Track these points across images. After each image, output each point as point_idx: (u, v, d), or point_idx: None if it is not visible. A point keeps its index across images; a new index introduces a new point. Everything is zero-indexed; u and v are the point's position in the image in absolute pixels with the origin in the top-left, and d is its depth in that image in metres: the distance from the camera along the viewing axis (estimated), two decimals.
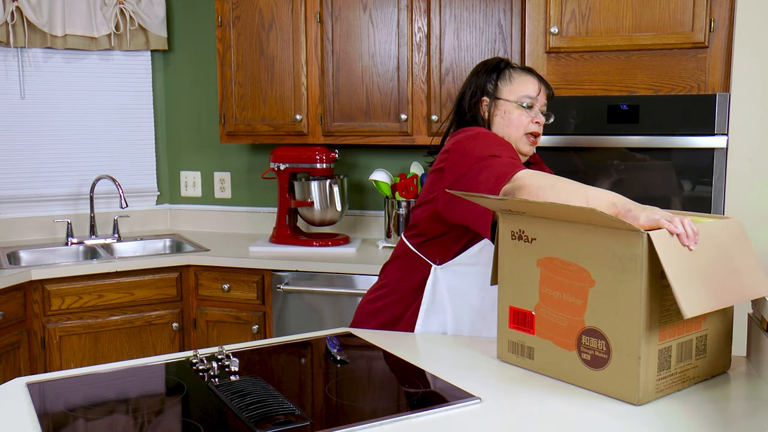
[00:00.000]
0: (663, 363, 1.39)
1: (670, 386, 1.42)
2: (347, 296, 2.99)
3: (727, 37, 2.48)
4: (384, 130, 3.21)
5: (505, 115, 1.93)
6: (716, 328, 1.49)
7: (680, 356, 1.43)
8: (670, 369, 1.40)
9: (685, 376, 1.45)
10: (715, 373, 1.51)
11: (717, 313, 1.46)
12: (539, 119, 1.92)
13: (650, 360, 1.36)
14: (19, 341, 2.89)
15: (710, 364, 1.50)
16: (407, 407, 1.38)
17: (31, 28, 3.45)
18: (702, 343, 1.46)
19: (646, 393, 1.37)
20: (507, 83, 1.95)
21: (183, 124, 3.92)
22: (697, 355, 1.46)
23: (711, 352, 1.49)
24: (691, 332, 1.44)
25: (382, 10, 3.16)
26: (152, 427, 1.33)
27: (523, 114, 1.91)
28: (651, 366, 1.37)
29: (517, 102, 1.92)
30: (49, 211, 3.65)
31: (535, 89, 1.93)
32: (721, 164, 2.48)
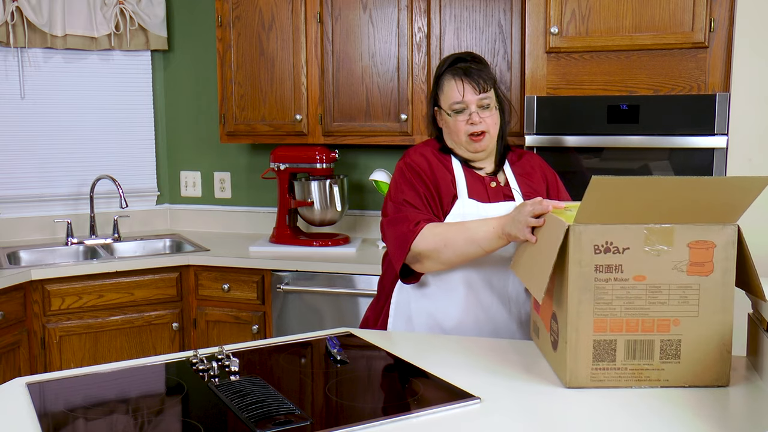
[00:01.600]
0: (602, 354, 1.44)
1: (615, 380, 1.45)
2: (347, 296, 2.99)
3: (727, 37, 2.48)
4: (384, 130, 3.20)
5: (446, 124, 1.99)
6: (697, 336, 1.45)
7: (632, 353, 1.45)
8: (615, 363, 1.45)
9: (643, 375, 1.45)
10: (699, 383, 1.46)
11: (698, 322, 1.45)
12: (473, 119, 1.91)
13: (580, 348, 1.44)
14: (19, 341, 2.89)
15: (689, 372, 1.46)
16: (407, 407, 1.38)
17: (31, 28, 3.45)
18: (672, 348, 1.45)
19: (575, 378, 1.45)
20: (441, 92, 1.99)
21: (183, 124, 3.92)
22: (664, 358, 1.45)
23: (689, 360, 1.45)
24: (651, 333, 1.45)
25: (382, 10, 3.16)
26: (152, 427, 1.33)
27: (457, 120, 1.94)
28: (582, 354, 1.44)
29: (449, 110, 1.95)
30: (49, 211, 3.65)
31: (458, 94, 1.93)
32: (721, 164, 2.48)
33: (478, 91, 1.92)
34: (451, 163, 1.99)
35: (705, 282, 1.43)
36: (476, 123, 1.91)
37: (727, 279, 1.44)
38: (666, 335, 1.45)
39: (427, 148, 2.02)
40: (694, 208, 1.42)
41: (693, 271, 1.43)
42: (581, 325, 1.44)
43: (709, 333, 1.45)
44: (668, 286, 1.43)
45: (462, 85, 1.93)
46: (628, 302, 1.43)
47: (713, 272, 1.43)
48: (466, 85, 1.92)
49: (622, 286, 1.43)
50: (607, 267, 1.43)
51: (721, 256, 1.44)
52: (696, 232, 1.43)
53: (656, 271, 1.43)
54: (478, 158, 1.97)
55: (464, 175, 1.96)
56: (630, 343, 1.45)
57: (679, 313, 1.44)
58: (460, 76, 1.94)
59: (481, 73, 1.94)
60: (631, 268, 1.43)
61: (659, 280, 1.43)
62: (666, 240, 1.42)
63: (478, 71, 1.94)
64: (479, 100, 1.92)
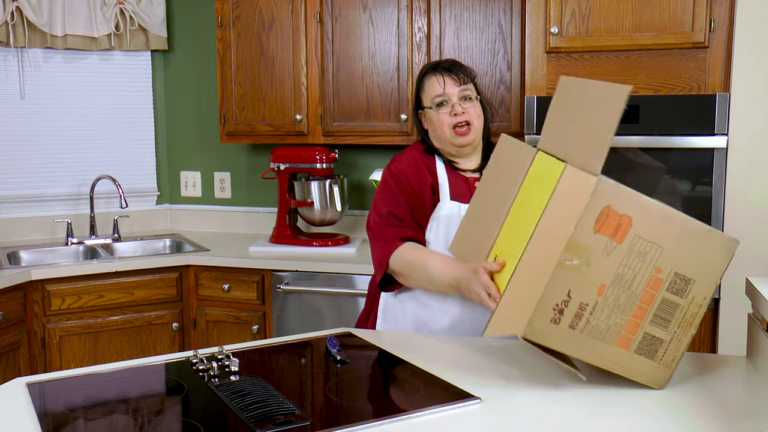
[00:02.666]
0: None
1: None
2: (347, 296, 2.99)
3: (727, 37, 2.48)
4: (384, 130, 3.21)
5: (430, 121, 2.02)
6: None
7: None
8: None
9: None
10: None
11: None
12: (456, 110, 1.95)
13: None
14: (19, 341, 2.89)
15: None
16: (407, 407, 1.38)
17: (31, 28, 3.45)
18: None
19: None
20: (423, 92, 2.03)
21: (183, 124, 3.92)
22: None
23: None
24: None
25: (382, 10, 3.16)
26: (152, 427, 1.33)
27: (440, 113, 1.97)
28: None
29: (431, 105, 1.98)
30: (49, 211, 3.65)
31: (439, 87, 1.97)
32: (721, 164, 2.48)
33: (459, 83, 1.97)
34: (435, 165, 2.02)
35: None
36: (459, 113, 1.95)
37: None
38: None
39: (412, 152, 2.06)
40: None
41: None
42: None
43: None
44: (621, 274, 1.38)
45: (442, 78, 1.98)
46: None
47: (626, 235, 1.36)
48: (446, 78, 1.97)
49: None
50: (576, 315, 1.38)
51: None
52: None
53: (604, 271, 1.37)
54: (464, 153, 1.99)
55: (447, 177, 2.00)
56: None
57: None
58: (440, 72, 1.99)
59: (461, 68, 2.00)
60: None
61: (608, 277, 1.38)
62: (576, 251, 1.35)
63: (458, 67, 2.00)
64: (460, 92, 1.97)
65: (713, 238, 1.38)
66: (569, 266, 1.33)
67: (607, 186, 1.33)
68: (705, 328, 2.53)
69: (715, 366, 1.59)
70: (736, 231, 2.48)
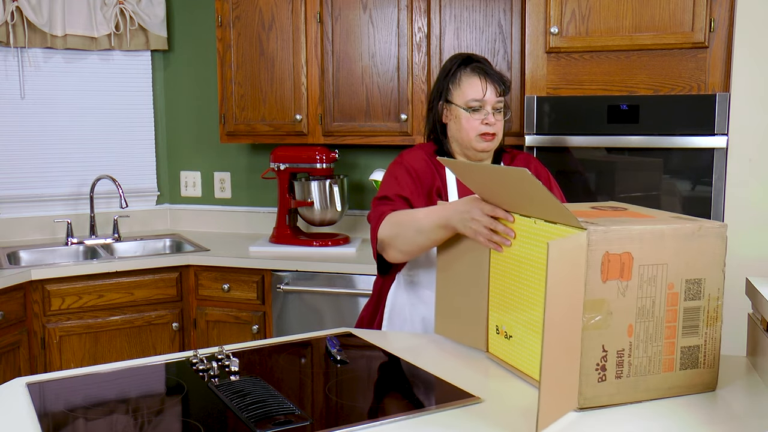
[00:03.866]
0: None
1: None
2: (347, 296, 2.99)
3: (727, 37, 2.48)
4: (384, 130, 3.20)
5: (456, 119, 1.96)
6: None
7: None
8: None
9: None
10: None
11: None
12: (489, 120, 1.91)
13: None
14: (19, 341, 2.89)
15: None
16: (407, 407, 1.38)
17: (31, 28, 3.45)
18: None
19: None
20: (457, 87, 1.95)
21: (183, 124, 3.92)
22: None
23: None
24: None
25: (382, 10, 3.16)
26: (152, 427, 1.33)
27: (472, 118, 1.92)
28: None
29: (465, 107, 1.93)
30: (49, 211, 3.65)
31: (480, 91, 1.92)
32: (721, 164, 2.48)
33: (498, 93, 1.93)
34: (444, 169, 1.99)
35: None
36: (491, 124, 1.91)
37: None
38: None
39: (421, 152, 2.01)
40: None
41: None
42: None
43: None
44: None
45: (485, 83, 1.92)
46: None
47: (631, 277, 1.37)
48: (488, 84, 1.92)
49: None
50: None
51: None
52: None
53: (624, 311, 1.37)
54: (479, 157, 1.97)
55: (456, 181, 1.97)
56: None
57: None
58: (483, 75, 1.93)
59: (500, 77, 1.95)
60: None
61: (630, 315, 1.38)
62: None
63: (499, 75, 1.95)
64: (496, 102, 1.93)
65: (705, 233, 1.38)
66: (594, 324, 1.34)
67: (597, 235, 1.32)
68: None
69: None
70: (736, 231, 2.48)
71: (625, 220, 1.40)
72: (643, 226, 1.36)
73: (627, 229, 1.34)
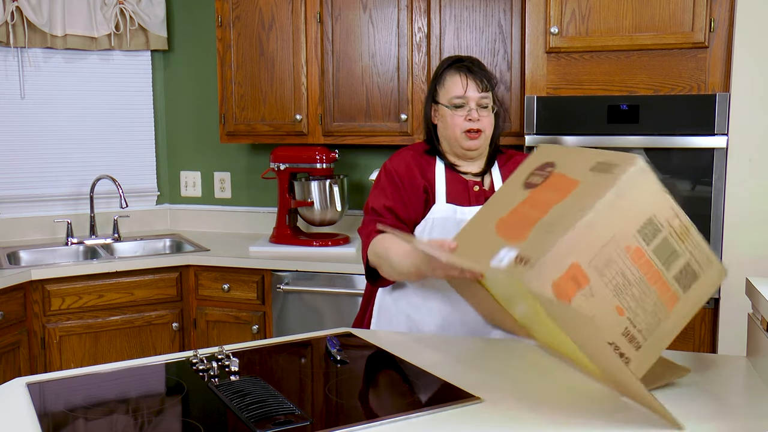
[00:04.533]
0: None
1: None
2: (347, 296, 2.99)
3: (727, 37, 2.48)
4: (384, 130, 3.21)
5: (442, 118, 1.99)
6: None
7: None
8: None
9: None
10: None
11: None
12: (472, 116, 1.92)
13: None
14: (19, 341, 2.89)
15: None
16: (407, 407, 1.38)
17: (31, 28, 3.45)
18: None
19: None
20: (441, 86, 1.99)
21: (183, 124, 3.92)
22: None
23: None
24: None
25: (382, 10, 3.16)
26: (152, 427, 1.33)
27: (455, 115, 1.94)
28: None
29: (448, 105, 1.95)
30: (49, 211, 3.65)
31: (461, 88, 1.94)
32: (721, 164, 2.48)
33: (481, 89, 1.94)
34: (434, 167, 1.99)
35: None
36: (474, 120, 1.92)
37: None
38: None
39: (410, 152, 2.03)
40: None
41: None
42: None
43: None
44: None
45: (465, 80, 1.94)
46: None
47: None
48: (469, 81, 1.94)
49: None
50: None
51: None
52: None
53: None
54: (470, 156, 1.97)
55: (445, 179, 1.97)
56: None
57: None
58: (464, 72, 1.96)
59: (485, 73, 1.97)
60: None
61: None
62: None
63: (482, 71, 1.97)
64: (480, 99, 1.94)
65: (626, 183, 1.33)
66: (589, 337, 1.33)
67: (535, 280, 1.30)
68: (705, 328, 2.53)
69: (715, 366, 1.59)
70: (736, 231, 2.48)
71: (550, 226, 1.35)
72: (570, 233, 1.31)
73: (555, 250, 1.30)
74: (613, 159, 1.37)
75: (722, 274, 1.42)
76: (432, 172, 1.99)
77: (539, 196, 1.46)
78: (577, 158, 1.47)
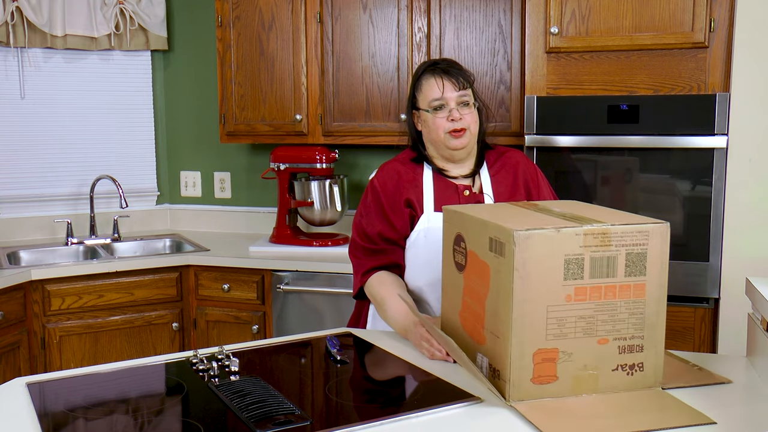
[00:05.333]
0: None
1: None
2: (347, 296, 2.99)
3: (727, 37, 2.48)
4: (384, 130, 3.20)
5: (425, 123, 1.98)
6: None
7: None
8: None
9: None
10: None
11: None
12: (453, 115, 1.91)
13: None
14: (19, 341, 2.89)
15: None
16: (408, 407, 1.38)
17: (31, 28, 3.45)
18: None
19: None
20: (419, 92, 1.98)
21: (183, 124, 3.92)
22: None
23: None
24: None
25: (382, 10, 3.16)
26: (152, 427, 1.33)
27: (436, 117, 1.93)
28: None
29: (428, 108, 1.94)
30: (49, 211, 3.65)
31: (438, 90, 1.92)
32: (721, 164, 2.48)
33: (458, 88, 1.92)
34: (421, 175, 1.98)
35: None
36: (456, 119, 1.90)
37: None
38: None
39: (396, 164, 2.02)
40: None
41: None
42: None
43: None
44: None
45: (441, 81, 1.92)
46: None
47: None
48: (446, 81, 1.92)
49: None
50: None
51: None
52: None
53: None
54: (458, 157, 1.95)
55: (434, 186, 1.96)
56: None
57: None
58: (439, 74, 1.94)
59: (460, 72, 1.96)
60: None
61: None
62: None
63: (457, 70, 1.96)
64: (459, 97, 1.92)
65: (510, 257, 1.36)
66: (590, 375, 1.39)
67: (517, 394, 1.38)
68: (705, 328, 2.54)
69: (715, 366, 1.59)
70: (736, 231, 2.48)
71: (495, 331, 1.41)
72: (513, 334, 1.35)
73: (513, 355, 1.35)
74: (500, 235, 1.38)
75: (665, 232, 1.40)
76: (420, 181, 1.97)
77: (472, 286, 1.52)
78: (475, 231, 1.50)
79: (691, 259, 2.52)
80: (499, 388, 1.40)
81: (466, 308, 1.55)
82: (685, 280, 2.53)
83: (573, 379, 1.38)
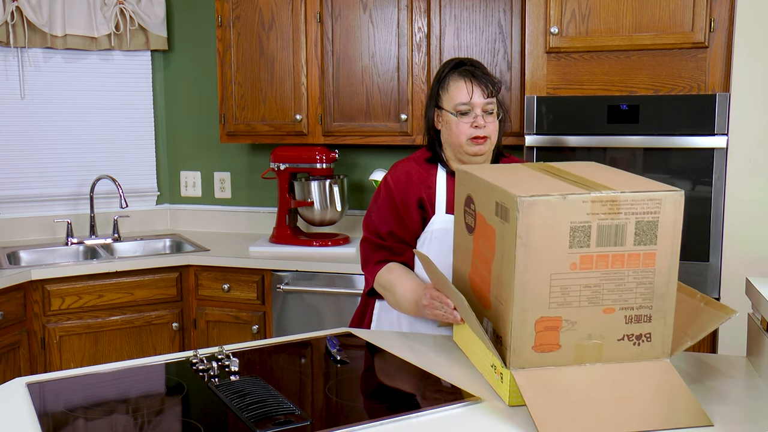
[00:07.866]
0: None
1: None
2: (347, 296, 2.99)
3: (727, 37, 2.48)
4: (384, 130, 3.20)
5: (446, 125, 1.94)
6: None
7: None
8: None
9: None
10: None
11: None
12: (478, 123, 1.88)
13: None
14: (19, 341, 2.89)
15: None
16: (407, 407, 1.38)
17: (31, 28, 3.45)
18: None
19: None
20: (445, 92, 1.94)
21: (183, 124, 3.92)
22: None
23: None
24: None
25: (382, 10, 3.16)
26: (152, 427, 1.33)
27: (461, 122, 1.90)
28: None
29: (453, 111, 1.91)
30: (49, 211, 3.65)
31: (466, 95, 1.89)
32: (721, 164, 2.48)
33: (486, 95, 1.90)
34: (435, 177, 1.97)
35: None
36: (481, 126, 1.89)
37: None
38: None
39: (411, 163, 2.00)
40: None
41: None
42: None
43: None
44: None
45: (471, 86, 1.89)
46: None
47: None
48: (475, 87, 1.89)
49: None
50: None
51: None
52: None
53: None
54: (474, 162, 1.95)
55: (446, 188, 1.95)
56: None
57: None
58: (469, 78, 1.91)
59: (489, 78, 1.93)
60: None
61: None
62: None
63: (486, 76, 1.93)
64: (485, 104, 1.90)
65: (514, 223, 1.33)
66: (594, 345, 1.37)
67: (517, 362, 1.37)
68: None
69: (715, 366, 1.59)
70: (736, 231, 2.48)
71: (499, 297, 1.40)
72: (515, 301, 1.34)
73: (515, 322, 1.34)
74: (505, 200, 1.36)
75: (679, 200, 1.36)
76: (433, 182, 1.96)
77: (480, 249, 1.50)
78: (484, 193, 1.49)
79: (691, 259, 2.52)
80: (501, 355, 1.38)
81: (475, 271, 1.53)
82: (684, 280, 2.52)
83: (576, 348, 1.36)
